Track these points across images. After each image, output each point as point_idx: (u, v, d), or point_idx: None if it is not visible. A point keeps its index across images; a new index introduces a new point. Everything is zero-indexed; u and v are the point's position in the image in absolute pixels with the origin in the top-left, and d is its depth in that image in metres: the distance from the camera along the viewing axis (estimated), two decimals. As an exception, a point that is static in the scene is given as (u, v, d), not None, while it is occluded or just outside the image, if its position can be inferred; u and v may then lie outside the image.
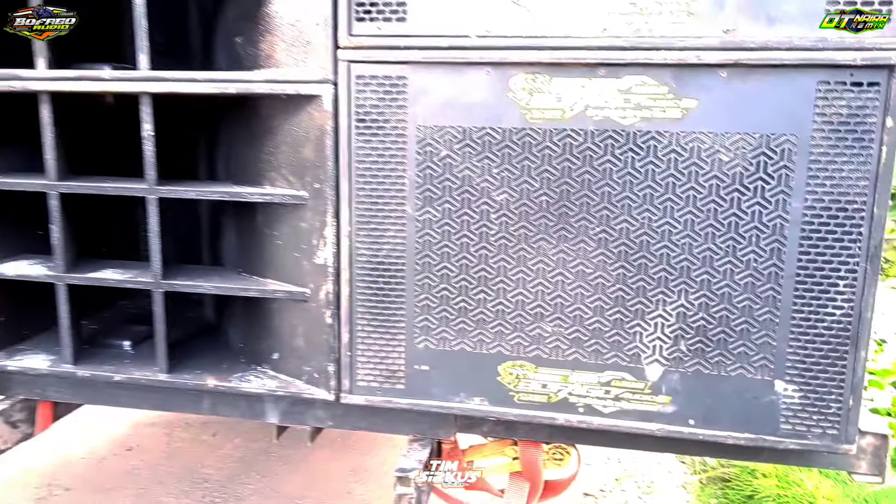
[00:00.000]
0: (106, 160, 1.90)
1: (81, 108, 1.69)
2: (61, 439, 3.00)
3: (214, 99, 1.57)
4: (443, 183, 1.41)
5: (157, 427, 3.28)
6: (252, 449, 3.08)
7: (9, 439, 1.81)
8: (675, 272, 1.35)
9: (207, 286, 1.61)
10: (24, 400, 1.84)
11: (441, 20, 1.35)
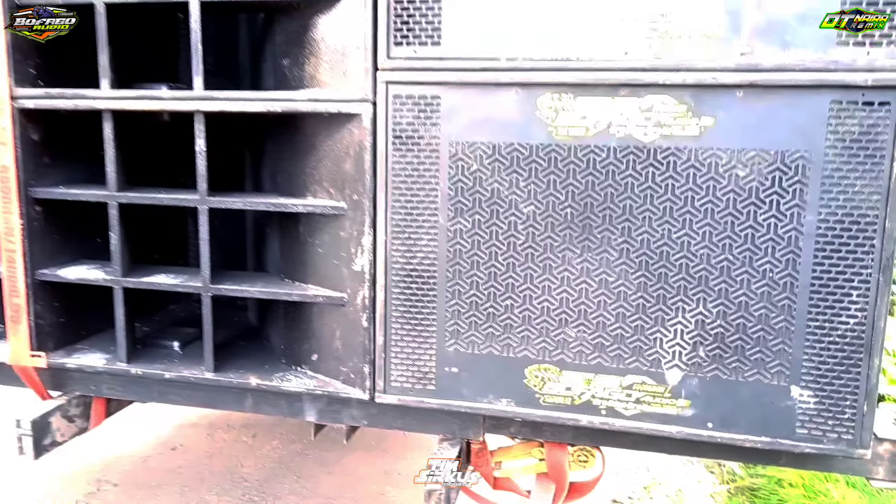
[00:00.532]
0: (159, 172, 2.05)
1: (139, 125, 1.84)
2: (109, 439, 3.16)
3: (262, 116, 1.69)
4: (473, 195, 1.51)
5: (200, 428, 3.43)
6: (289, 451, 3.20)
7: (66, 433, 1.95)
8: (694, 281, 1.43)
9: (252, 290, 1.74)
10: (81, 396, 1.99)
11: (473, 44, 1.46)
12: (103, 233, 1.90)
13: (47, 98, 1.73)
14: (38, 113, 1.77)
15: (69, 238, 1.95)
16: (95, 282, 1.81)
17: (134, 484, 2.89)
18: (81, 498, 2.77)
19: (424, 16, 1.47)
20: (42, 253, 1.84)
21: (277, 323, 1.94)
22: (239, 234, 2.22)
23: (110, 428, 3.04)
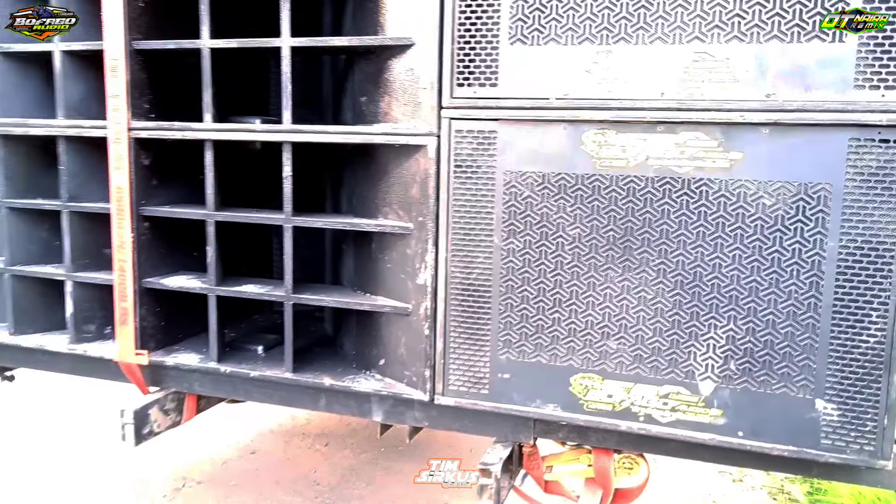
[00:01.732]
0: (248, 194, 2.36)
1: (233, 152, 2.15)
2: (193, 441, 3.51)
3: (341, 147, 1.97)
4: (524, 218, 1.74)
5: (276, 435, 3.74)
6: (359, 459, 3.47)
7: (162, 424, 2.26)
8: (725, 300, 1.62)
9: (328, 300, 2.01)
10: (175, 392, 2.29)
11: (526, 85, 1.70)
12: (198, 247, 2.22)
13: (159, 129, 2.06)
14: (149, 142, 2.11)
15: (170, 251, 2.27)
16: (193, 290, 2.12)
17: (215, 483, 3.20)
18: (168, 492, 3.10)
19: (484, 61, 1.72)
20: (148, 263, 2.17)
21: (350, 331, 2.20)
22: (319, 250, 2.50)
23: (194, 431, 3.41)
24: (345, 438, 3.72)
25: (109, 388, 2.42)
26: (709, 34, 1.55)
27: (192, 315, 2.33)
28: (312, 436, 3.76)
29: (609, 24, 1.62)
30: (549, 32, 1.66)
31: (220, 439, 3.65)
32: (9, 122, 2.22)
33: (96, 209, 2.18)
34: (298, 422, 3.97)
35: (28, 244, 2.34)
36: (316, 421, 3.99)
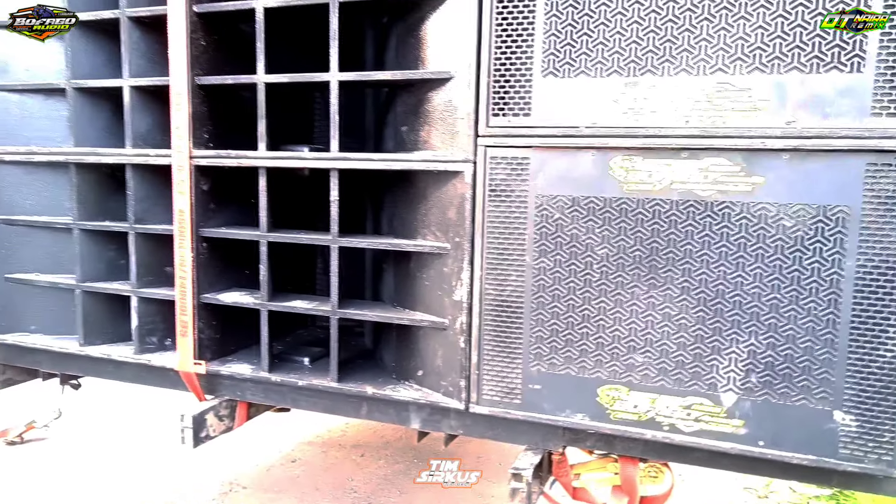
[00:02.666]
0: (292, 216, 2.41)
1: (282, 178, 2.20)
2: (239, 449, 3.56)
3: (383, 172, 2.02)
4: (555, 239, 1.76)
5: (315, 445, 3.78)
6: (393, 469, 3.48)
7: (217, 429, 2.30)
8: (747, 316, 1.61)
9: (371, 315, 2.04)
10: (229, 400, 2.34)
11: (557, 115, 1.73)
12: (248, 265, 2.28)
13: (217, 157, 2.12)
14: (208, 168, 2.17)
15: (224, 269, 2.33)
16: (246, 305, 2.17)
17: (260, 488, 3.24)
18: (217, 496, 3.14)
19: (518, 93, 1.76)
20: (205, 280, 2.23)
21: (389, 344, 2.23)
22: (359, 269, 2.55)
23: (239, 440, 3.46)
24: (378, 449, 3.74)
25: (156, 397, 2.47)
26: (731, 66, 1.57)
27: (243, 328, 2.38)
28: (348, 446, 3.79)
29: (636, 58, 1.64)
30: (580, 66, 1.69)
31: (263, 447, 3.70)
32: (83, 151, 2.31)
33: (159, 230, 2.25)
34: (334, 433, 4.00)
35: (97, 262, 2.41)
36: (351, 432, 4.02)
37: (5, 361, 2.64)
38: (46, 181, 2.48)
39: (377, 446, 3.77)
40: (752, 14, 1.55)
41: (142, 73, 2.24)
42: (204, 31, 2.13)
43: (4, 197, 2.46)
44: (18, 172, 2.46)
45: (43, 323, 2.54)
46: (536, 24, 1.72)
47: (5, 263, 2.49)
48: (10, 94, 2.41)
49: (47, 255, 2.51)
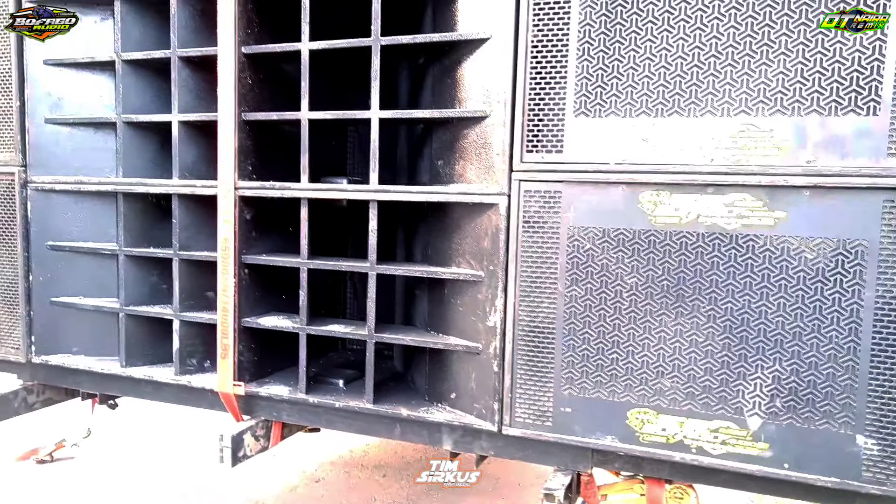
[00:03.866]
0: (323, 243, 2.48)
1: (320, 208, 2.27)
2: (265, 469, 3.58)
3: (418, 204, 2.08)
4: (586, 268, 1.82)
5: (338, 466, 3.81)
6: (415, 490, 3.50)
7: (253, 449, 2.34)
8: (771, 343, 1.66)
9: (407, 339, 2.09)
10: (265, 420, 2.38)
11: (588, 152, 1.80)
12: (285, 290, 2.34)
13: (262, 188, 2.20)
14: (251, 199, 2.24)
15: (263, 294, 2.38)
16: (286, 329, 2.23)
17: (285, 506, 3.27)
18: (244, 513, 3.17)
19: (551, 131, 1.83)
20: (246, 305, 2.28)
21: (422, 367, 2.28)
22: (390, 294, 2.60)
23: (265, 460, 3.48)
24: (400, 470, 3.76)
25: (179, 417, 2.50)
26: (754, 108, 1.64)
27: (278, 351, 2.43)
28: (370, 467, 3.82)
29: (663, 100, 1.72)
30: (610, 107, 1.77)
31: (287, 467, 3.73)
32: (131, 181, 2.39)
33: (202, 257, 2.31)
34: (356, 454, 4.03)
35: (140, 287, 2.48)
36: (373, 453, 4.05)
37: (47, 382, 2.68)
38: (93, 209, 2.55)
39: (398, 467, 3.79)
40: (773, 61, 1.62)
41: (189, 109, 2.33)
42: (250, 70, 2.22)
43: (52, 224, 2.53)
44: (67, 201, 2.53)
45: (84, 345, 2.59)
46: (569, 68, 1.80)
47: (51, 287, 2.55)
48: (62, 126, 2.50)
49: (90, 280, 2.58)
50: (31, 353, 2.56)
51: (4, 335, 2.58)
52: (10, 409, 2.61)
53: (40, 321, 2.55)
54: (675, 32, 1.70)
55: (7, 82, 2.47)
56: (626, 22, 1.74)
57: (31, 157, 2.50)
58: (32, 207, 2.50)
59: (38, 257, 2.53)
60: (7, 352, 2.59)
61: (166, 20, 2.33)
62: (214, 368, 2.42)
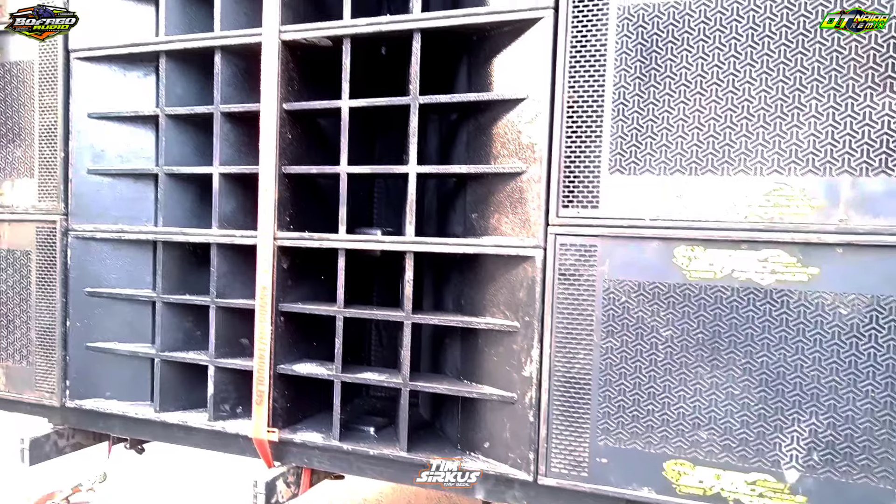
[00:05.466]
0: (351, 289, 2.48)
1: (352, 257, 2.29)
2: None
3: (452, 256, 2.10)
4: (622, 320, 1.82)
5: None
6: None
7: (285, 495, 2.31)
8: (807, 397, 1.66)
9: (441, 388, 2.08)
10: (295, 466, 2.35)
11: (623, 207, 1.82)
12: (316, 337, 2.34)
13: (300, 239, 2.21)
14: (288, 249, 2.26)
15: (297, 341, 2.38)
16: (321, 376, 2.22)
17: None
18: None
19: (586, 187, 1.86)
20: (281, 352, 2.28)
21: (452, 415, 2.26)
22: (416, 340, 2.60)
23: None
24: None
25: (193, 461, 2.48)
26: (786, 168, 1.67)
27: (309, 397, 2.42)
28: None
29: (697, 159, 1.75)
30: (645, 165, 1.80)
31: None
32: (171, 230, 2.41)
33: (240, 305, 2.32)
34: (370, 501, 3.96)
35: (175, 333, 2.48)
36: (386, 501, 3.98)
37: (79, 426, 2.66)
38: (130, 256, 2.57)
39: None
40: (804, 123, 1.66)
41: (228, 161, 2.36)
42: (290, 126, 2.26)
43: (91, 270, 2.55)
44: (106, 248, 2.55)
45: (116, 389, 2.58)
46: (604, 127, 1.84)
47: (87, 333, 2.55)
48: (104, 177, 2.53)
49: (124, 325, 2.58)
50: (66, 397, 2.55)
51: (40, 379, 2.57)
52: (42, 453, 2.58)
53: (75, 366, 2.54)
54: (708, 95, 1.74)
55: (53, 135, 2.51)
56: (660, 84, 1.78)
57: (73, 206, 2.52)
58: (72, 255, 2.52)
59: (76, 303, 2.53)
60: (42, 395, 2.57)
61: (207, 75, 2.39)
62: (247, 414, 2.41)
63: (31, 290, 2.57)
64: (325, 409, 2.43)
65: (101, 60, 2.49)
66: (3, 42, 2.60)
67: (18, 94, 2.58)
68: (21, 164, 2.60)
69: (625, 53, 1.81)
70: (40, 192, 2.56)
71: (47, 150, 2.53)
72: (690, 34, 1.75)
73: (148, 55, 2.45)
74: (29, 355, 2.59)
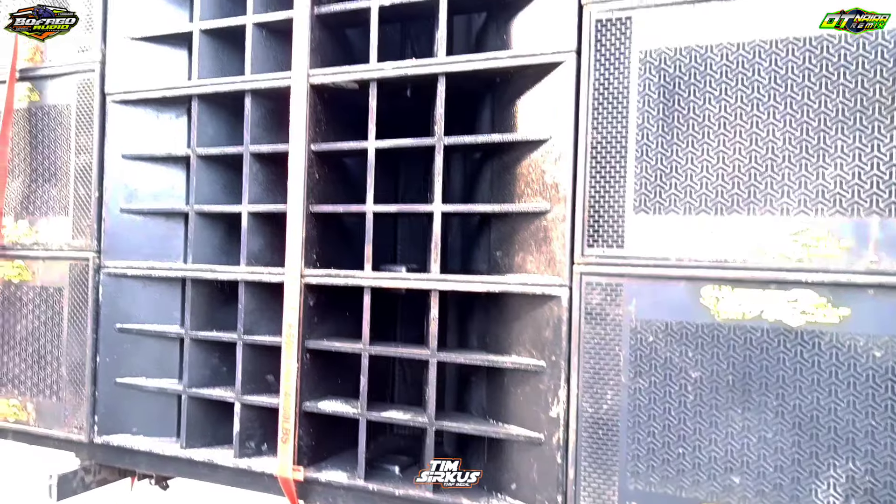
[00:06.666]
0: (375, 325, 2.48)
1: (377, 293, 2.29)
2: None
3: (476, 293, 2.09)
4: (650, 360, 1.80)
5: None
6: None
7: (308, 534, 2.29)
8: (843, 441, 1.62)
9: (468, 428, 2.06)
10: (319, 505, 2.33)
11: (649, 247, 1.81)
12: (339, 374, 2.34)
13: (327, 276, 2.23)
14: (315, 286, 2.27)
15: (321, 377, 2.38)
16: (346, 414, 2.21)
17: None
18: None
19: (611, 227, 1.85)
20: (307, 389, 2.28)
21: (478, 455, 2.23)
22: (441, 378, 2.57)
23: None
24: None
25: None
26: (813, 209, 1.66)
27: (333, 435, 2.41)
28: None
29: (722, 199, 1.74)
30: (669, 205, 1.79)
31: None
32: (200, 267, 2.44)
33: (266, 342, 2.33)
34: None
35: (202, 369, 2.49)
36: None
37: (105, 462, 2.67)
38: (159, 292, 2.59)
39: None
40: (829, 164, 1.65)
41: (257, 200, 2.39)
42: (318, 166, 2.29)
43: (121, 307, 2.58)
44: (136, 285, 2.58)
45: (143, 425, 2.59)
46: (628, 168, 1.84)
47: (116, 368, 2.57)
48: (136, 215, 2.57)
49: (151, 361, 2.60)
50: (94, 432, 2.56)
51: (69, 415, 2.59)
52: (70, 489, 2.59)
53: (104, 402, 2.56)
54: (732, 136, 1.74)
55: (88, 175, 2.57)
56: (683, 125, 1.79)
57: (106, 244, 2.57)
58: (104, 291, 2.56)
59: (106, 339, 2.56)
60: (70, 431, 2.59)
61: (236, 116, 2.44)
62: (272, 451, 2.40)
63: (63, 326, 2.61)
64: (349, 447, 2.41)
65: (135, 103, 2.56)
66: (41, 86, 2.68)
67: (56, 136, 2.65)
68: (56, 202, 2.66)
69: (647, 95, 1.82)
70: (74, 230, 2.61)
71: (82, 189, 2.59)
72: (713, 76, 1.76)
73: (181, 98, 2.51)
74: (59, 391, 2.62)
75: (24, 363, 2.70)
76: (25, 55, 2.68)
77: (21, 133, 2.72)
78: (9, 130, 2.69)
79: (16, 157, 2.73)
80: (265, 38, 2.40)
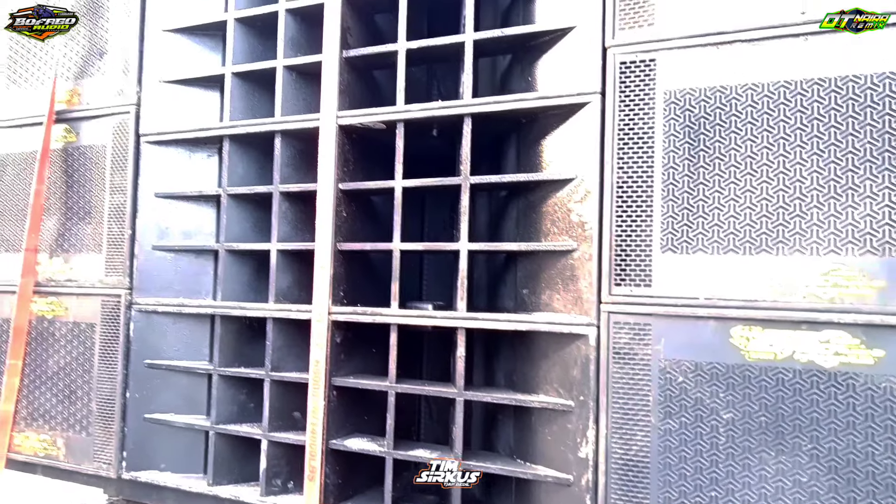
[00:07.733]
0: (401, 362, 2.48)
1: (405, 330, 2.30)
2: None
3: (501, 331, 2.10)
4: (680, 401, 1.78)
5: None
6: None
7: (334, 574, 2.27)
8: (881, 486, 1.58)
9: (495, 468, 2.04)
10: (344, 544, 2.32)
11: (677, 286, 1.80)
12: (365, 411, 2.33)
13: (354, 314, 2.24)
14: (342, 323, 2.29)
15: (348, 414, 2.38)
16: (373, 452, 2.21)
17: None
18: None
19: (639, 266, 1.85)
20: (333, 426, 2.28)
21: (506, 495, 2.21)
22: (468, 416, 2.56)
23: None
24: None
25: None
26: (843, 248, 1.64)
27: (359, 472, 2.40)
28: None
29: (751, 239, 1.73)
30: (697, 244, 1.79)
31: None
32: (229, 304, 2.47)
33: (293, 378, 2.34)
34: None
35: (230, 405, 2.50)
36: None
37: (132, 498, 2.68)
38: (189, 328, 2.63)
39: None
40: (859, 203, 1.64)
41: (285, 238, 2.43)
42: (346, 204, 2.33)
43: (151, 342, 2.61)
44: (166, 321, 2.62)
45: (170, 461, 2.60)
46: (654, 207, 1.84)
47: (145, 404, 2.59)
48: (167, 253, 2.62)
49: (180, 397, 2.62)
50: (122, 468, 2.58)
51: (98, 450, 2.61)
52: (97, 525, 2.60)
53: (133, 437, 2.58)
54: (758, 176, 1.74)
55: (122, 213, 2.63)
56: (710, 165, 1.79)
57: (137, 281, 2.61)
58: (135, 327, 2.60)
59: (136, 375, 2.59)
60: (99, 466, 2.61)
61: (266, 155, 2.50)
62: (298, 489, 2.40)
63: (94, 361, 2.65)
64: (375, 484, 2.40)
65: (168, 143, 2.63)
66: (77, 127, 2.77)
67: (91, 176, 2.72)
68: (90, 240, 2.72)
69: (673, 135, 1.83)
70: (107, 267, 2.66)
71: (116, 227, 2.65)
72: (738, 117, 1.77)
73: (213, 138, 2.57)
74: (89, 426, 2.65)
75: (55, 398, 2.74)
76: (62, 97, 2.78)
77: (57, 173, 2.80)
78: (45, 170, 2.77)
79: (52, 195, 2.80)
80: (295, 81, 2.47)
